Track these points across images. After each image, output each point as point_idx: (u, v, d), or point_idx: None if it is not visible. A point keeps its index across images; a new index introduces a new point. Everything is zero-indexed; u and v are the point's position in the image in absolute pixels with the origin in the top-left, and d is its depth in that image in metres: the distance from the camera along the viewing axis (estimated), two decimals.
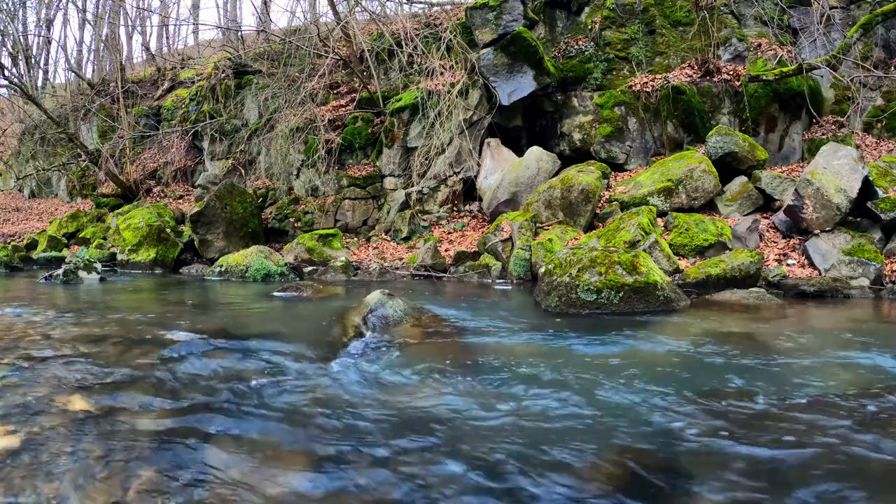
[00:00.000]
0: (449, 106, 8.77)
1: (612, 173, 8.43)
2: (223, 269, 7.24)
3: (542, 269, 4.91)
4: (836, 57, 7.72)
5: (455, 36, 9.36)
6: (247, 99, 12.20)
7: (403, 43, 9.83)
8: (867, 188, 6.19)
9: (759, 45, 8.94)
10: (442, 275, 7.17)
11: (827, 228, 6.12)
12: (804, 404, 2.32)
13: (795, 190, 6.33)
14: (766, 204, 7.10)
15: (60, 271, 6.65)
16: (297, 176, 10.39)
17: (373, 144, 9.87)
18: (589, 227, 7.28)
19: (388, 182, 9.47)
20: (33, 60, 17.13)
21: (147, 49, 17.54)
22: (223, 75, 12.40)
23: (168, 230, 9.02)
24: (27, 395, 2.29)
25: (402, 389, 2.50)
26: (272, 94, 11.38)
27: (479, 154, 8.96)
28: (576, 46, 9.43)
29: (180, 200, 11.76)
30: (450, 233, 8.58)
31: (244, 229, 9.00)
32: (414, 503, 1.59)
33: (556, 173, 8.06)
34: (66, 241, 10.86)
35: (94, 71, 18.47)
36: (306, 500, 1.60)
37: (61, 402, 2.22)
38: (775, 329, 3.79)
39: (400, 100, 9.37)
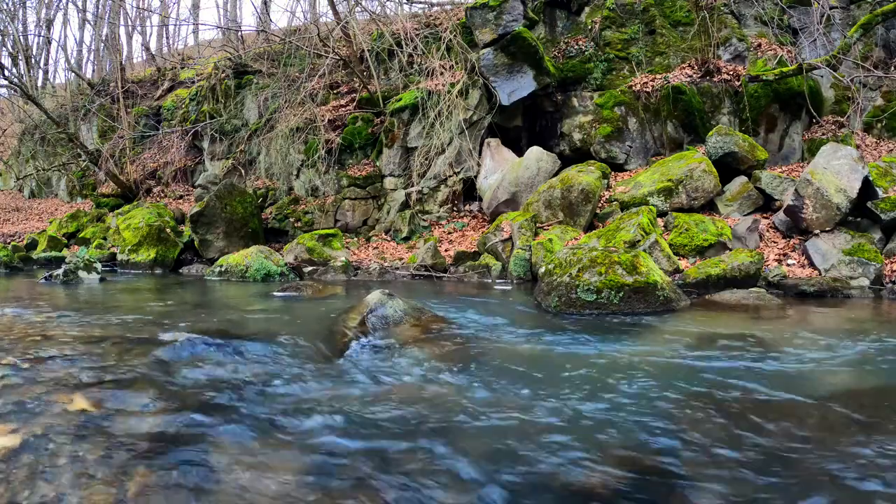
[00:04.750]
0: (449, 106, 8.77)
1: (612, 173, 8.43)
2: (223, 269, 7.23)
3: (542, 269, 4.91)
4: (836, 57, 7.72)
5: (455, 36, 9.36)
6: (247, 99, 12.20)
7: (403, 43, 9.83)
8: (867, 188, 6.19)
9: (759, 45, 8.94)
10: (442, 275, 7.17)
11: (827, 228, 6.12)
12: (804, 404, 2.32)
13: (795, 190, 6.33)
14: (766, 204, 7.10)
15: (60, 271, 6.65)
16: (297, 176, 10.39)
17: (373, 144, 9.87)
18: (589, 227, 7.29)
19: (388, 182, 9.47)
20: (33, 60, 17.13)
21: (147, 49, 17.54)
22: (223, 75, 12.40)
23: (168, 230, 9.02)
24: (27, 394, 2.29)
25: (403, 389, 2.50)
26: (272, 94, 11.38)
27: (479, 154, 8.96)
28: (576, 46, 9.43)
29: (180, 200, 11.76)
30: (450, 233, 8.58)
31: (244, 229, 9.00)
32: (408, 498, 1.59)
33: (556, 173, 8.06)
34: (66, 241, 10.86)
35: (94, 71, 18.49)
36: (306, 500, 1.60)
37: (61, 402, 2.22)
38: (775, 329, 3.79)
39: (400, 100, 9.37)
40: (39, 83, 18.64)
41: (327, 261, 7.73)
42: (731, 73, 8.59)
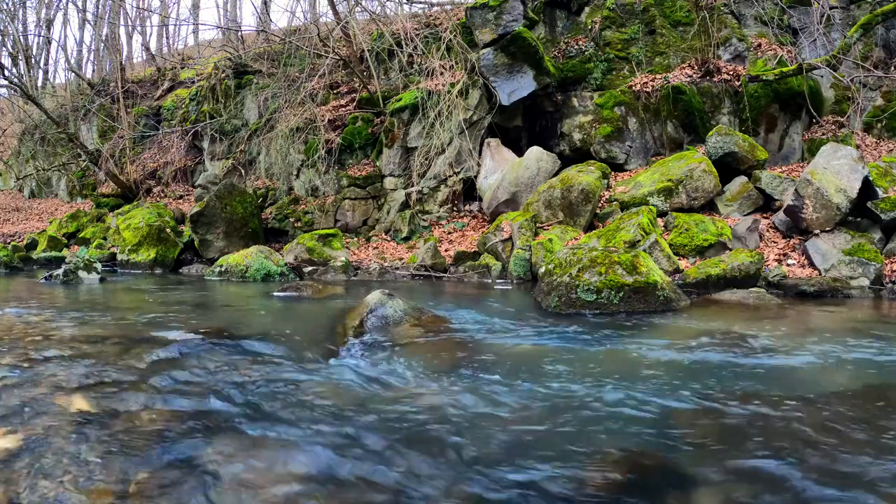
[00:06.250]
0: (449, 106, 8.77)
1: (612, 173, 8.43)
2: (223, 269, 7.23)
3: (542, 269, 4.90)
4: (836, 57, 7.72)
5: (455, 36, 9.36)
6: (247, 99, 12.20)
7: (403, 43, 9.83)
8: (867, 188, 6.19)
9: (759, 45, 8.94)
10: (442, 275, 7.17)
11: (827, 228, 6.12)
12: (804, 404, 2.32)
13: (795, 190, 6.33)
14: (766, 204, 7.10)
15: (60, 271, 6.65)
16: (297, 176, 10.39)
17: (373, 144, 9.87)
18: (589, 227, 7.28)
19: (388, 182, 9.47)
20: (33, 60, 17.13)
21: (147, 49, 17.54)
22: (223, 75, 12.40)
23: (168, 230, 9.02)
24: (27, 395, 2.29)
25: (402, 389, 2.50)
26: (272, 94, 11.38)
27: (479, 154, 8.96)
28: (576, 46, 9.43)
29: (180, 200, 11.76)
30: (450, 233, 8.58)
31: (244, 229, 9.00)
32: (409, 499, 1.59)
33: (556, 173, 8.06)
34: (66, 241, 10.86)
35: (94, 71, 18.49)
36: (305, 498, 1.60)
37: (61, 402, 2.22)
38: (775, 329, 3.78)
39: (400, 100, 9.37)
40: (39, 83, 18.64)
41: (327, 261, 7.73)
42: (731, 73, 8.59)
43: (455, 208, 9.05)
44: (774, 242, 6.50)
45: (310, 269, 7.46)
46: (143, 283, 7.02)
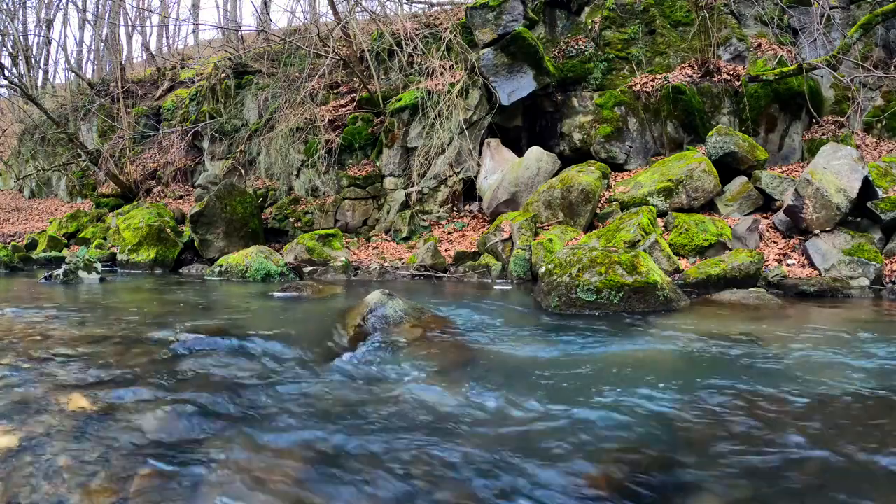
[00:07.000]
0: (449, 106, 8.77)
1: (612, 173, 8.43)
2: (223, 269, 7.23)
3: (542, 269, 4.90)
4: (836, 57, 7.72)
5: (455, 36, 9.36)
6: (247, 99, 12.20)
7: (403, 43, 9.83)
8: (867, 188, 6.19)
9: (759, 45, 8.95)
10: (442, 275, 7.17)
11: (827, 228, 6.12)
12: (804, 404, 2.32)
13: (795, 190, 6.33)
14: (766, 204, 7.10)
15: (60, 271, 6.65)
16: (297, 176, 10.39)
17: (373, 144, 9.87)
18: (589, 227, 7.29)
19: (388, 182, 9.47)
20: (33, 60, 17.14)
21: (147, 49, 17.55)
22: (223, 75, 12.40)
23: (168, 230, 9.02)
24: (27, 394, 2.29)
25: (402, 389, 2.50)
26: (272, 94, 11.38)
27: (479, 154, 8.97)
28: (576, 46, 9.43)
29: (180, 200, 11.76)
30: (450, 233, 8.58)
31: (244, 229, 9.00)
32: (408, 502, 1.59)
33: (556, 173, 8.06)
34: (66, 241, 10.86)
35: (94, 71, 18.50)
36: (305, 499, 1.60)
37: (61, 402, 2.22)
38: (775, 329, 3.78)
39: (400, 100, 9.37)
40: (39, 83, 18.64)
41: (327, 261, 7.73)
42: (731, 73, 8.60)
43: (455, 208, 9.05)
44: (774, 242, 6.50)
45: (310, 269, 7.46)
46: (143, 283, 7.02)
